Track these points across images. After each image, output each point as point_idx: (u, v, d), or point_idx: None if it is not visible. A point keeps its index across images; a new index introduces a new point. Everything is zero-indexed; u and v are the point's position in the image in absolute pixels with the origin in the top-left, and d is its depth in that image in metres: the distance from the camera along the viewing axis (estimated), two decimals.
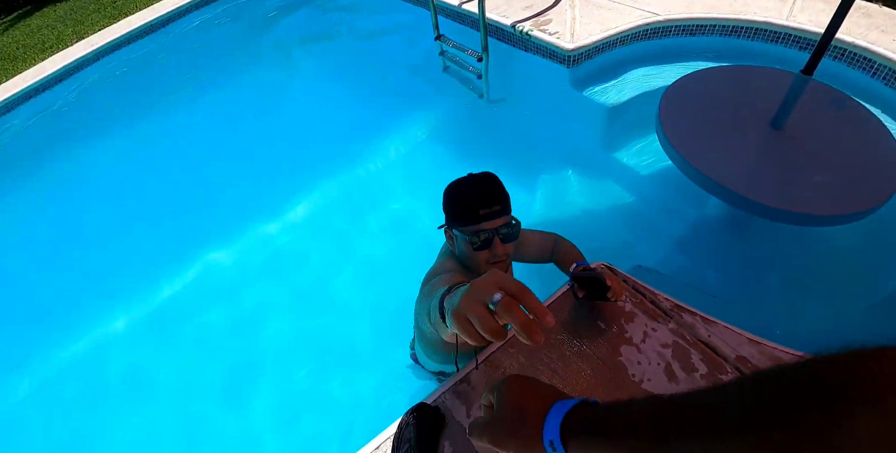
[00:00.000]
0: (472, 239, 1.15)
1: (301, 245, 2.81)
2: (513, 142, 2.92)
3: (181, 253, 2.85)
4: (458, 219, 1.17)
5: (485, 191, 1.16)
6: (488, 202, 1.14)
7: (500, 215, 1.15)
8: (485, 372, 1.23)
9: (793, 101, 2.02)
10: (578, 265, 1.35)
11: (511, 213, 1.20)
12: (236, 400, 2.26)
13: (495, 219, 1.14)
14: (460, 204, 1.16)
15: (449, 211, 1.20)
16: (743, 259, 2.26)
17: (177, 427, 2.22)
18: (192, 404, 2.28)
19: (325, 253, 2.75)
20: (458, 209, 1.16)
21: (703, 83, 2.38)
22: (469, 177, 1.21)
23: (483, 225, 1.14)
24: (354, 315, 2.42)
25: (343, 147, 3.27)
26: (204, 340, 2.49)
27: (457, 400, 1.19)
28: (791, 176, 1.91)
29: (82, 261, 2.95)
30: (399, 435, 1.12)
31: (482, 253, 1.17)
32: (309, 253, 2.76)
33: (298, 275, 2.67)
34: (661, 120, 2.15)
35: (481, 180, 1.18)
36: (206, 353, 2.44)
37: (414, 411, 1.14)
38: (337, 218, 2.89)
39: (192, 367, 2.40)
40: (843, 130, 2.11)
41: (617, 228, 2.39)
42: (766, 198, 1.81)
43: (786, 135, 2.10)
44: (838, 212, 1.77)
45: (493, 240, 1.15)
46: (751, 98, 2.28)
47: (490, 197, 1.15)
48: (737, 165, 1.98)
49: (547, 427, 0.52)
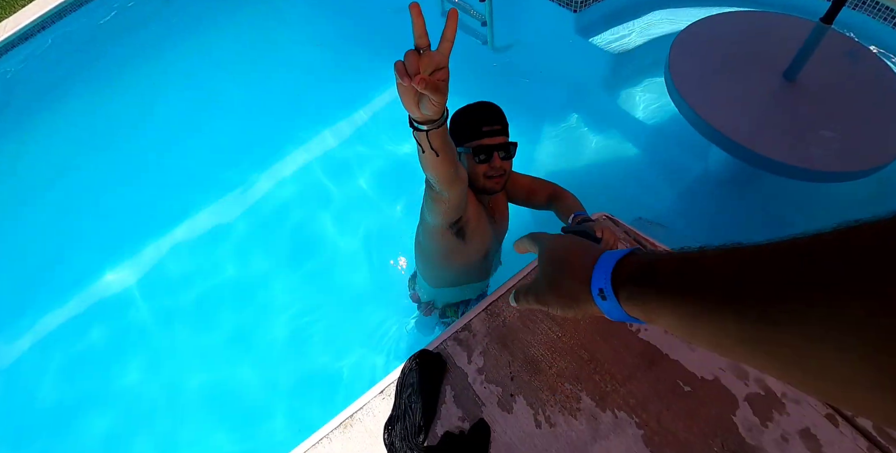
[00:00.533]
0: (476, 153, 1.31)
1: (304, 193, 2.79)
2: (517, 92, 2.83)
3: (188, 202, 2.83)
4: (465, 136, 1.34)
5: (487, 113, 1.34)
6: (490, 121, 1.32)
7: (500, 134, 1.33)
8: (485, 321, 1.26)
9: (809, 51, 1.95)
10: (577, 215, 1.35)
11: (509, 137, 1.36)
12: (246, 348, 2.33)
13: (496, 136, 1.32)
14: (467, 122, 1.34)
15: (455, 130, 1.36)
16: (745, 214, 2.27)
17: (190, 365, 2.30)
18: (204, 342, 2.36)
19: (325, 200, 2.73)
20: (465, 126, 1.34)
21: (716, 29, 2.28)
22: (475, 103, 1.39)
23: (485, 140, 1.31)
24: (356, 263, 2.44)
25: (334, 96, 3.15)
26: (212, 288, 2.53)
27: (458, 347, 1.22)
28: (800, 130, 1.88)
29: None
30: (402, 381, 1.16)
31: (482, 166, 1.33)
32: (312, 200, 2.75)
33: (304, 222, 2.68)
34: (671, 67, 2.08)
35: (485, 105, 1.37)
36: (215, 300, 2.49)
37: (416, 357, 1.18)
38: (332, 168, 2.84)
39: (203, 313, 2.45)
40: (857, 84, 2.05)
41: (620, 180, 2.37)
42: (773, 152, 1.79)
43: (798, 86, 2.04)
44: (846, 169, 1.75)
45: (493, 156, 1.31)
46: (765, 46, 2.19)
47: (492, 118, 1.33)
48: (745, 117, 1.94)
49: (596, 274, 0.47)
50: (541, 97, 2.81)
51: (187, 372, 2.29)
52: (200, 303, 2.47)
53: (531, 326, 1.23)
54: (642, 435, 1.08)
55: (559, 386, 1.15)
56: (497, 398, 1.14)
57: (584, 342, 1.21)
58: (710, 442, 1.06)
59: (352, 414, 1.17)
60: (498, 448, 1.08)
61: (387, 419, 1.14)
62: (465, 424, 1.11)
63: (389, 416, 1.14)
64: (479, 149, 1.31)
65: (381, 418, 1.15)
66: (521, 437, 1.09)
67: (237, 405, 2.19)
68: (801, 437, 1.07)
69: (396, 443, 1.08)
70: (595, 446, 1.07)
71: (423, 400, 1.11)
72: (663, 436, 1.07)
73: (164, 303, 2.50)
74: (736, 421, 1.09)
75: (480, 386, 1.16)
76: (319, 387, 2.14)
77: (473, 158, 1.32)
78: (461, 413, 1.13)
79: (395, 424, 1.11)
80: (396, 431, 1.10)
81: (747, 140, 1.82)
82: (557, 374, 1.16)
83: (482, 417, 1.11)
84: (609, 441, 1.08)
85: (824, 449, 1.05)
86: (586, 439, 1.08)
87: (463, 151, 1.35)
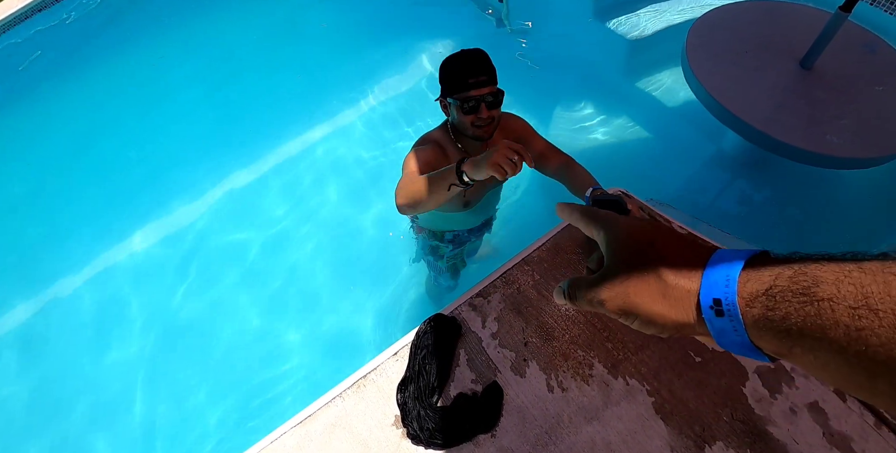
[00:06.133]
0: (463, 105, 1.32)
1: (318, 168, 2.81)
2: (532, 74, 2.82)
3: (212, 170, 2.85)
4: (451, 88, 1.34)
5: (473, 63, 1.32)
6: (475, 72, 1.30)
7: (486, 84, 1.31)
8: (499, 288, 1.26)
9: (826, 40, 1.95)
10: (595, 189, 1.35)
11: (497, 85, 1.35)
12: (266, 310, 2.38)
13: (482, 87, 1.31)
14: (451, 74, 1.33)
15: (443, 81, 1.37)
16: (757, 198, 2.28)
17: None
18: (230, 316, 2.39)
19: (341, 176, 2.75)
20: (450, 78, 1.33)
21: (735, 16, 2.28)
22: (460, 52, 1.36)
23: (471, 92, 1.30)
24: (368, 235, 2.47)
25: (344, 76, 3.14)
26: (232, 254, 2.56)
27: (472, 313, 1.23)
28: (815, 116, 1.88)
29: None
30: (417, 342, 1.17)
31: (470, 116, 1.34)
32: (326, 176, 2.76)
33: (324, 194, 2.70)
34: (688, 51, 2.08)
35: (470, 54, 1.34)
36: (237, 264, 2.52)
37: (431, 320, 1.18)
38: (346, 145, 2.83)
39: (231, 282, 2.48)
40: (873, 74, 2.05)
41: (633, 160, 2.37)
42: (788, 137, 1.79)
43: (814, 74, 2.04)
44: (860, 156, 1.76)
45: (480, 106, 1.31)
46: (782, 35, 2.19)
47: (477, 68, 1.31)
48: (761, 102, 1.94)
49: (712, 277, 0.33)
50: (557, 79, 2.80)
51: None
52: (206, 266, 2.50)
53: (545, 294, 1.24)
54: (653, 402, 1.09)
55: (572, 353, 1.16)
56: (510, 362, 1.15)
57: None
58: (720, 412, 1.08)
59: (365, 375, 1.17)
60: (510, 410, 1.09)
61: (400, 380, 1.14)
62: (478, 387, 1.12)
63: (403, 377, 1.14)
64: (466, 100, 1.32)
65: (395, 379, 1.16)
66: (534, 401, 1.10)
67: (251, 364, 2.23)
68: (810, 410, 1.08)
69: (409, 403, 1.09)
70: (606, 412, 1.08)
71: (438, 361, 1.12)
72: (674, 405, 1.09)
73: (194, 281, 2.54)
74: (745, 393, 1.10)
75: (494, 351, 1.17)
76: (331, 352, 2.18)
77: (461, 108, 1.33)
78: (474, 376, 1.14)
79: (409, 385, 1.12)
80: (410, 391, 1.10)
81: (763, 124, 1.82)
82: (570, 341, 1.17)
83: (495, 380, 1.12)
84: (620, 407, 1.09)
85: (831, 422, 1.07)
86: (598, 405, 1.09)
87: (451, 102, 1.36)
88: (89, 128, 3.16)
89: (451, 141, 1.47)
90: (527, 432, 1.07)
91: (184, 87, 3.21)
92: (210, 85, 3.21)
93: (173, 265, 2.52)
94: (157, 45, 3.47)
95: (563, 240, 1.37)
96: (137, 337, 2.34)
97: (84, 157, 3.02)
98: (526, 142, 1.55)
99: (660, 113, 2.56)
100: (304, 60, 3.28)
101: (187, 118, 3.09)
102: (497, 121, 1.38)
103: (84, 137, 3.13)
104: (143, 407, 2.17)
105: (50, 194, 2.92)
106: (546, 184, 1.58)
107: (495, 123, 1.38)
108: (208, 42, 3.46)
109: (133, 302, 2.45)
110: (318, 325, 2.28)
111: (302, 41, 3.40)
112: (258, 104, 3.09)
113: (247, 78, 3.24)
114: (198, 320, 2.36)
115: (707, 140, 2.40)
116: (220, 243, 2.58)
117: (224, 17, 3.61)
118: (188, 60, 3.37)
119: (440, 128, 1.52)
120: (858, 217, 2.18)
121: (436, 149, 1.43)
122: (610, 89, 2.72)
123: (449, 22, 3.23)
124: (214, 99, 3.15)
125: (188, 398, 2.17)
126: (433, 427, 1.05)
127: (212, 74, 3.27)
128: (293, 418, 1.16)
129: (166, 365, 2.27)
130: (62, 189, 2.92)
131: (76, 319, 2.45)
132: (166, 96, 3.21)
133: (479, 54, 1.34)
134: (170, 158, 2.93)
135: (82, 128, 3.18)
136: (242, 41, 3.45)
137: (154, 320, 2.39)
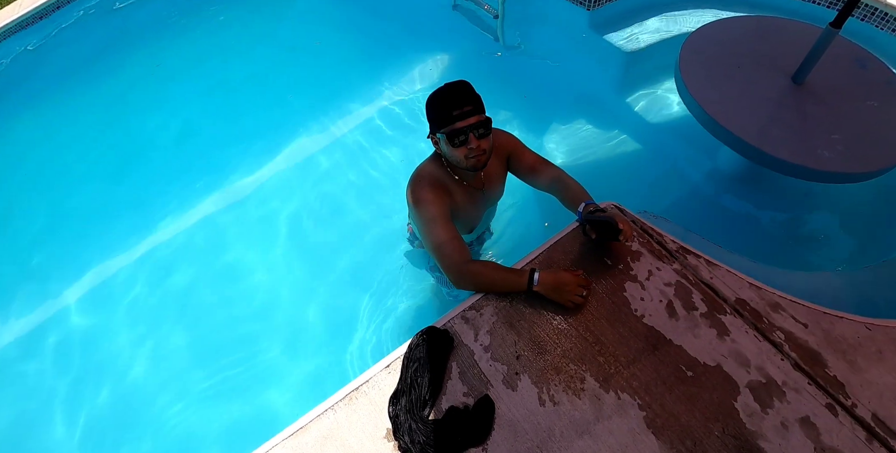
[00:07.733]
0: (451, 138, 1.30)
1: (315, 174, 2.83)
2: (527, 87, 2.83)
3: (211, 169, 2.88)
4: (438, 122, 1.33)
5: (456, 95, 1.31)
6: (460, 103, 1.29)
7: (471, 114, 1.29)
8: (492, 301, 1.27)
9: (817, 55, 1.97)
10: (587, 204, 1.35)
11: (484, 113, 1.33)
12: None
13: (468, 117, 1.29)
14: (436, 109, 1.32)
15: (430, 118, 1.36)
16: (750, 212, 2.29)
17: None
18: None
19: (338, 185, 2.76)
20: (436, 114, 1.33)
21: (727, 31, 2.31)
22: (443, 86, 1.35)
23: (458, 124, 1.29)
24: (367, 242, 2.49)
25: (342, 88, 3.15)
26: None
27: (465, 325, 1.23)
28: (808, 131, 1.90)
29: None
30: (409, 355, 1.17)
31: (461, 149, 1.32)
32: (326, 181, 2.78)
33: (322, 198, 2.71)
34: (681, 66, 2.10)
35: (452, 87, 1.34)
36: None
37: (424, 333, 1.19)
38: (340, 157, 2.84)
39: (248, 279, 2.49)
40: (864, 89, 2.07)
41: (628, 176, 2.38)
42: (781, 152, 1.81)
43: (805, 89, 2.06)
44: (852, 170, 1.77)
45: (469, 137, 1.30)
46: (774, 50, 2.22)
47: (461, 99, 1.30)
48: (753, 116, 1.96)
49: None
50: (552, 93, 2.81)
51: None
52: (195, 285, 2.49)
53: (538, 308, 1.25)
54: (644, 416, 1.09)
55: (564, 367, 1.16)
56: (502, 376, 1.15)
57: (588, 325, 1.22)
58: (711, 427, 1.08)
59: (357, 387, 1.17)
60: (502, 424, 1.09)
61: (392, 392, 1.14)
62: (470, 400, 1.13)
63: (395, 390, 1.14)
64: (454, 133, 1.29)
65: (387, 391, 1.16)
66: (525, 415, 1.10)
67: (243, 374, 2.21)
68: (801, 425, 1.09)
69: (401, 416, 1.09)
70: (598, 426, 1.08)
71: (430, 374, 1.12)
72: (665, 419, 1.09)
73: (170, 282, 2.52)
74: (737, 407, 1.10)
75: (486, 364, 1.17)
76: (326, 359, 2.17)
77: (450, 142, 1.31)
78: (466, 389, 1.14)
79: (401, 398, 1.12)
80: (402, 404, 1.10)
81: (756, 139, 1.83)
82: (562, 355, 1.17)
83: (487, 393, 1.12)
84: (612, 421, 1.09)
85: (823, 437, 1.07)
86: (590, 419, 1.09)
87: (441, 137, 1.34)
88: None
89: (446, 174, 1.46)
90: (518, 446, 1.07)
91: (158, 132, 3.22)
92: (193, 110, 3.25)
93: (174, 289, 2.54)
94: (156, 55, 3.50)
95: (556, 254, 1.38)
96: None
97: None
98: (516, 156, 1.56)
99: (653, 126, 2.58)
100: (299, 77, 3.32)
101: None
102: (489, 152, 1.37)
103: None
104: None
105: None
106: (539, 198, 1.58)
107: (488, 154, 1.36)
108: (202, 64, 3.50)
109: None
110: (310, 333, 2.27)
111: (298, 59, 3.44)
112: (251, 119, 3.10)
113: (239, 94, 3.28)
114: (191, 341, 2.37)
115: (700, 154, 2.42)
116: (216, 266, 2.57)
117: (215, 40, 3.66)
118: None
119: (432, 160, 1.49)
120: (857, 231, 2.19)
121: (437, 190, 1.41)
122: (603, 102, 2.74)
123: (446, 39, 3.27)
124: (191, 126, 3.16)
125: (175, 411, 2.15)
126: (424, 440, 1.05)
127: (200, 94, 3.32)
128: (285, 430, 1.16)
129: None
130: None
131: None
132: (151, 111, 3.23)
133: (461, 86, 1.34)
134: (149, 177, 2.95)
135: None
136: (238, 60, 3.50)
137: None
